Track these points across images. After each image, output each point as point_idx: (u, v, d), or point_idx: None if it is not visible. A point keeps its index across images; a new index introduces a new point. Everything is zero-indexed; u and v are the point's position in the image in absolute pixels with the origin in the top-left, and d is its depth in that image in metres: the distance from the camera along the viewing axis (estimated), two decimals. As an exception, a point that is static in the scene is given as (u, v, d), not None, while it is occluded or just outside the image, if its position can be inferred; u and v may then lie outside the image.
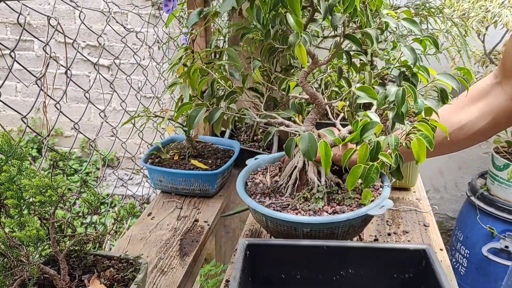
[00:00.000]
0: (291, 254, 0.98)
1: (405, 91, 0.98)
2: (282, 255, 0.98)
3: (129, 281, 0.90)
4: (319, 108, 1.17)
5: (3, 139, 0.85)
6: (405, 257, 0.95)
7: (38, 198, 0.82)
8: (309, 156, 1.03)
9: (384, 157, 0.95)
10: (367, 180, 0.94)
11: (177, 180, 1.49)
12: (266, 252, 0.98)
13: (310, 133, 1.05)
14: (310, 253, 0.97)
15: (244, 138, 1.82)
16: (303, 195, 1.11)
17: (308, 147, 1.03)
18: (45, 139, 1.44)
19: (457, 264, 2.61)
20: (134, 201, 2.49)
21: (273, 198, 1.15)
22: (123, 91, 3.37)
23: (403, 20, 1.08)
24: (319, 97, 1.16)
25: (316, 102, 1.16)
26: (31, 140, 4.04)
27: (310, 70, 1.16)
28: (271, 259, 0.98)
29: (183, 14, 2.05)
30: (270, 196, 1.16)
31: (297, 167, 1.15)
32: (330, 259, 0.96)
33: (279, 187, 1.17)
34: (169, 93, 1.68)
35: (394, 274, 0.95)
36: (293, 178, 1.15)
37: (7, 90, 4.00)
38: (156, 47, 2.54)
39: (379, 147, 0.95)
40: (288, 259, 0.98)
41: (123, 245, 1.27)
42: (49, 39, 1.43)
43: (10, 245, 0.80)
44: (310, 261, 0.97)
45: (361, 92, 1.03)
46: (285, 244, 0.99)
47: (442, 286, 0.84)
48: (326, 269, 0.97)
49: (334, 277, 0.97)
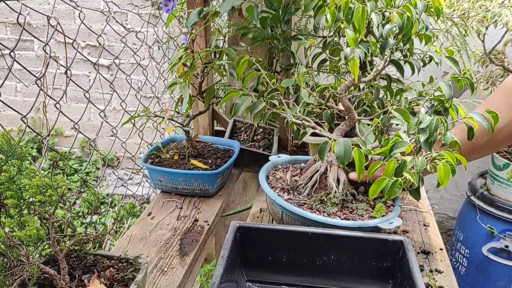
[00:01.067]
0: (279, 238, 1.04)
1: (439, 121, 1.06)
2: (270, 239, 1.04)
3: (129, 281, 0.90)
4: (351, 122, 1.26)
5: (3, 139, 0.85)
6: (384, 247, 1.01)
7: (38, 198, 0.81)
8: (342, 159, 1.12)
9: (408, 175, 1.02)
10: (390, 192, 1.02)
11: (177, 180, 1.49)
12: (255, 235, 1.05)
13: (346, 139, 1.14)
14: (296, 238, 1.03)
15: (244, 138, 1.82)
16: (320, 197, 1.18)
17: (342, 152, 1.12)
18: (45, 139, 1.44)
19: (457, 264, 2.61)
20: (134, 201, 2.49)
21: (291, 195, 1.22)
22: (123, 91, 3.37)
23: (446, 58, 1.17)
24: (353, 111, 1.24)
25: (350, 115, 1.25)
26: (31, 140, 4.04)
27: (351, 84, 1.23)
28: (260, 242, 1.05)
29: (183, 14, 2.05)
30: (288, 192, 1.23)
31: (319, 171, 1.23)
32: (314, 245, 1.03)
33: (298, 186, 1.25)
34: (169, 93, 1.68)
35: (373, 262, 1.02)
36: (313, 180, 1.23)
37: (7, 90, 4.00)
38: (156, 47, 2.55)
39: (405, 165, 1.04)
40: (276, 243, 1.04)
41: (123, 245, 1.27)
42: (49, 39, 1.43)
43: (10, 245, 0.80)
44: (296, 246, 1.04)
45: (397, 113, 1.12)
46: (273, 228, 1.07)
47: (414, 275, 0.90)
48: (310, 254, 1.04)
49: (317, 262, 1.04)
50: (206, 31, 1.74)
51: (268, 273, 1.06)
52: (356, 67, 1.09)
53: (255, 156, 1.74)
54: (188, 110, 1.62)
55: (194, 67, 1.48)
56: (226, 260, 0.92)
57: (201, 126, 1.89)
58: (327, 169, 1.23)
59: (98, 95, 3.03)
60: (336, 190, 1.19)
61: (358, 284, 1.03)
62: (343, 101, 1.23)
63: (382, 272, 1.02)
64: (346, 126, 1.26)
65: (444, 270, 1.18)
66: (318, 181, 1.23)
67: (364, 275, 1.03)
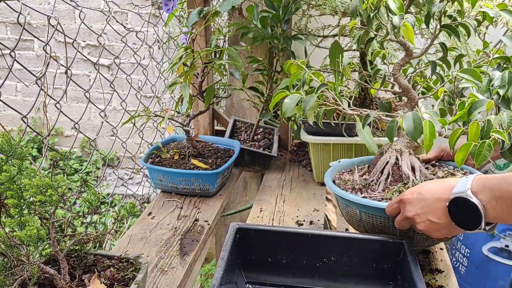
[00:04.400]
0: (278, 240, 1.03)
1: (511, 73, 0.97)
2: (270, 240, 1.03)
3: (129, 280, 0.90)
4: (411, 102, 1.15)
5: (3, 139, 0.85)
6: (385, 248, 1.00)
7: (38, 197, 0.82)
8: (413, 135, 1.00)
9: (498, 134, 0.91)
10: (480, 157, 0.92)
11: (177, 179, 1.49)
12: (255, 237, 1.04)
13: (415, 112, 1.01)
14: (296, 240, 1.02)
15: (245, 137, 1.82)
16: (398, 189, 1.10)
17: (412, 126, 0.99)
18: (45, 138, 1.44)
19: (457, 263, 2.61)
20: (134, 200, 2.50)
21: (364, 193, 1.14)
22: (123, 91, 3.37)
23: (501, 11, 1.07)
24: (412, 91, 1.14)
25: (409, 96, 1.15)
26: (31, 139, 4.04)
27: (404, 62, 1.14)
28: (260, 243, 1.04)
29: (183, 13, 2.05)
30: (361, 191, 1.14)
31: (390, 162, 1.14)
32: (314, 247, 1.02)
33: (369, 183, 1.16)
34: (169, 93, 1.68)
35: (373, 264, 1.01)
36: (385, 174, 1.14)
37: (7, 89, 4.00)
38: (156, 47, 2.54)
39: (490, 125, 0.93)
40: (276, 244, 1.03)
41: (123, 245, 1.27)
42: (49, 39, 1.43)
43: (10, 245, 0.80)
44: (296, 247, 1.03)
45: (465, 74, 1.01)
46: (273, 230, 1.06)
47: (414, 277, 0.89)
48: (310, 255, 1.02)
49: (317, 264, 1.03)
50: (206, 30, 1.74)
51: (268, 275, 1.05)
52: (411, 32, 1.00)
53: (256, 156, 1.73)
54: (189, 109, 1.62)
55: (194, 67, 1.48)
56: (225, 262, 0.92)
57: (201, 126, 1.89)
58: (397, 158, 1.14)
59: (98, 94, 3.02)
60: (414, 179, 1.11)
61: (358, 285, 1.03)
62: (399, 81, 1.13)
63: (383, 273, 1.01)
64: (409, 108, 1.15)
65: (444, 269, 1.18)
66: (391, 173, 1.13)
67: (364, 277, 1.02)
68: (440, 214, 0.92)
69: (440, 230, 0.94)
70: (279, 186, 1.66)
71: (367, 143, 1.30)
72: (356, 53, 1.72)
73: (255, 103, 1.77)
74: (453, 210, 0.90)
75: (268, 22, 1.56)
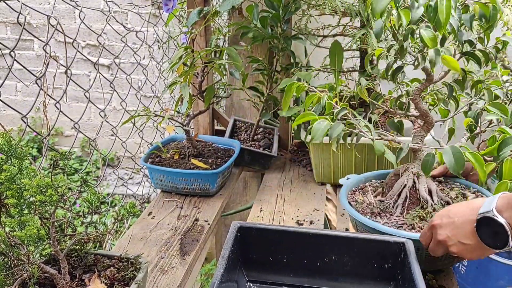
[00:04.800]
0: (280, 239, 1.03)
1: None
2: (271, 239, 1.04)
3: (129, 280, 0.90)
4: (428, 126, 1.19)
5: (3, 139, 0.85)
6: (385, 248, 1.00)
7: (38, 197, 0.82)
8: (455, 168, 1.04)
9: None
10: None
11: (177, 179, 1.49)
12: (256, 236, 1.04)
13: (454, 146, 1.05)
14: (297, 239, 1.03)
15: (245, 137, 1.82)
16: (417, 214, 1.12)
17: (453, 160, 1.04)
18: (45, 138, 1.44)
19: (457, 263, 2.61)
20: (135, 200, 2.50)
21: (384, 218, 1.15)
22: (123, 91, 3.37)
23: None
24: (430, 115, 1.18)
25: (427, 119, 1.18)
26: (31, 139, 4.04)
27: (424, 86, 1.16)
28: (261, 242, 1.04)
29: (183, 13, 2.05)
30: (380, 216, 1.16)
31: (407, 186, 1.16)
32: (315, 246, 1.02)
33: (387, 207, 1.17)
34: (169, 92, 1.68)
35: (374, 264, 1.01)
36: (402, 197, 1.15)
37: (7, 89, 4.00)
38: (156, 47, 2.54)
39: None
40: (277, 243, 1.04)
41: (123, 245, 1.27)
42: (49, 39, 1.43)
43: (10, 245, 0.80)
44: (297, 247, 1.03)
45: (493, 108, 1.06)
46: (274, 229, 1.07)
47: (415, 277, 0.90)
48: (312, 255, 1.03)
49: (318, 263, 1.03)
50: (206, 30, 1.74)
51: (269, 274, 1.05)
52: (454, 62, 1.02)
53: (256, 156, 1.73)
54: (188, 109, 1.62)
55: (194, 67, 1.48)
56: (226, 260, 0.92)
57: (201, 126, 1.89)
58: (414, 181, 1.16)
59: (98, 94, 3.02)
60: (432, 202, 1.13)
61: (359, 285, 1.03)
62: (419, 106, 1.16)
63: (383, 273, 1.01)
64: (425, 131, 1.19)
65: (445, 269, 1.18)
66: (409, 197, 1.15)
67: (365, 277, 1.02)
68: (470, 235, 0.93)
69: (472, 252, 0.95)
70: (279, 186, 1.66)
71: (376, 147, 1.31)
72: (356, 53, 1.72)
73: (255, 103, 1.77)
74: (481, 231, 0.91)
75: (268, 22, 1.56)
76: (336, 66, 1.47)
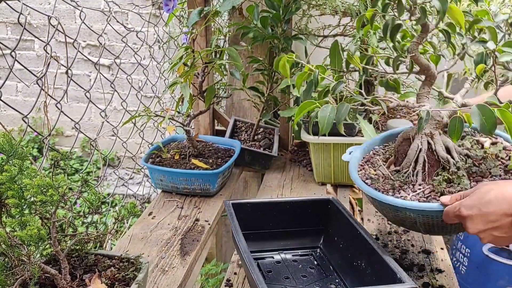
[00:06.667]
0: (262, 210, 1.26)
1: None
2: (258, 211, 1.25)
3: (130, 280, 0.90)
4: (431, 80, 1.10)
5: (4, 139, 0.86)
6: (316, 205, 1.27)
7: (39, 197, 0.82)
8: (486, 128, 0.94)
9: None
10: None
11: (178, 179, 1.49)
12: (246, 209, 1.24)
13: (482, 105, 0.95)
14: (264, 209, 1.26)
15: (245, 137, 1.82)
16: (444, 178, 1.03)
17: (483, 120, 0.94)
18: (46, 138, 1.44)
19: (457, 263, 2.61)
20: (135, 200, 2.50)
21: (408, 190, 1.05)
22: (124, 91, 3.37)
23: None
24: (431, 68, 1.10)
25: (429, 73, 1.10)
26: (32, 139, 4.04)
27: (421, 39, 1.08)
28: (251, 215, 1.24)
29: (183, 13, 2.05)
30: (403, 189, 1.06)
31: (423, 149, 1.07)
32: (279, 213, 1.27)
33: (407, 176, 1.08)
34: (169, 93, 1.68)
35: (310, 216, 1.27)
36: (420, 162, 1.07)
37: (8, 89, 4.00)
38: (156, 47, 2.54)
39: None
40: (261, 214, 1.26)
41: (124, 245, 1.27)
42: (50, 39, 1.43)
43: (11, 245, 0.80)
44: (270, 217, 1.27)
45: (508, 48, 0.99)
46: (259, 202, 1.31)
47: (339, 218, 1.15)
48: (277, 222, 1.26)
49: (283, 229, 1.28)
50: (207, 30, 1.74)
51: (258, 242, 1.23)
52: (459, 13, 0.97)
53: (256, 156, 1.74)
54: (189, 109, 1.62)
55: (195, 67, 1.48)
56: None
57: (201, 126, 1.89)
58: (429, 142, 1.07)
59: (98, 94, 3.02)
60: (453, 162, 1.04)
61: (304, 236, 1.26)
62: (418, 61, 1.08)
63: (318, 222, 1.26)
64: (428, 87, 1.10)
65: (445, 269, 1.18)
66: (427, 160, 1.06)
67: (304, 227, 1.26)
68: (507, 229, 0.90)
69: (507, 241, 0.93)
70: (280, 186, 1.66)
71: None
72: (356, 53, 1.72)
73: (255, 103, 1.77)
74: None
75: (269, 22, 1.56)
76: (337, 66, 1.47)
